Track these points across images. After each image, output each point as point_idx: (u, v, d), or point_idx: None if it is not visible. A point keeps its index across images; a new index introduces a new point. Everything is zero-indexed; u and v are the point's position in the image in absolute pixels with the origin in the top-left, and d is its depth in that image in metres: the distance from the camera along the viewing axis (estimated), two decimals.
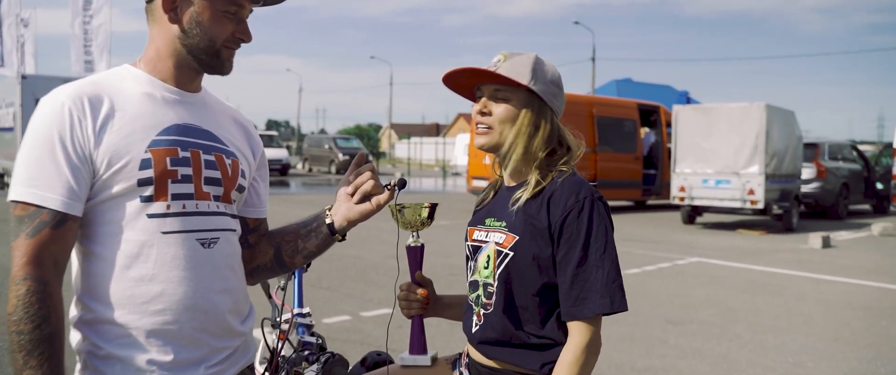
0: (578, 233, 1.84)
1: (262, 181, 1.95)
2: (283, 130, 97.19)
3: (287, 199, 20.53)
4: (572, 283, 1.83)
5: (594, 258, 1.83)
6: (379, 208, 1.83)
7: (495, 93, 1.94)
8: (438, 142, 54.67)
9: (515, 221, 1.92)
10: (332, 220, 1.84)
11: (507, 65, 1.91)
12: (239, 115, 1.92)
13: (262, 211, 1.95)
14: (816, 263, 10.61)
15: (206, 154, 1.71)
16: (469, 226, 2.10)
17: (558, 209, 1.86)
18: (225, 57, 1.74)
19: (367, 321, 6.55)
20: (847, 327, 6.87)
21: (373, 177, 1.81)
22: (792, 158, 15.48)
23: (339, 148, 36.70)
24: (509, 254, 1.91)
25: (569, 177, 1.92)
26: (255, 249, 1.93)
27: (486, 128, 1.95)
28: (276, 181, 29.65)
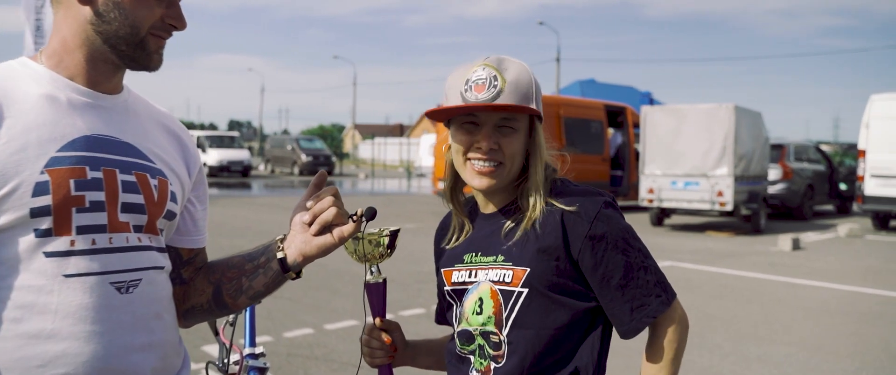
0: (613, 242, 1.59)
1: (199, 203, 1.60)
2: (245, 131, 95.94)
3: (249, 202, 20.01)
4: (624, 293, 1.59)
5: (637, 260, 1.61)
6: (342, 242, 1.49)
7: (501, 122, 1.62)
8: (402, 142, 54.36)
9: (520, 251, 1.61)
10: (284, 255, 1.50)
11: (511, 91, 1.59)
12: (171, 122, 1.57)
13: (200, 241, 1.61)
14: (788, 266, 10.49)
15: (124, 173, 1.35)
16: (443, 268, 1.77)
17: (580, 223, 1.58)
18: (152, 47, 1.39)
19: (332, 334, 6.19)
20: (827, 335, 6.70)
21: (335, 204, 1.47)
22: (759, 160, 15.45)
23: (303, 149, 36.22)
24: (523, 292, 1.59)
25: (569, 186, 1.67)
26: (189, 286, 1.58)
27: (495, 165, 1.62)
28: (238, 183, 29.07)
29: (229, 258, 1.59)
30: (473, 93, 1.59)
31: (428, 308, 7.06)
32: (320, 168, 33.26)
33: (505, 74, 1.60)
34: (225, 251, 6.98)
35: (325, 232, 1.47)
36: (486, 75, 1.60)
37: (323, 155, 36.57)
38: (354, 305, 7.01)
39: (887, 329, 7.00)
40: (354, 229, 1.48)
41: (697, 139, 14.44)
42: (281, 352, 5.62)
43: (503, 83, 1.59)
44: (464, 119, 1.64)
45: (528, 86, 1.61)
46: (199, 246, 1.60)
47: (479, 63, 1.63)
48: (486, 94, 1.58)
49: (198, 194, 1.59)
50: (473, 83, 1.60)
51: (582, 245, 1.57)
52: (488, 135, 1.61)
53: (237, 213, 16.15)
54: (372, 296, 1.76)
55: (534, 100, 1.62)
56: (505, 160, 1.62)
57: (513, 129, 1.62)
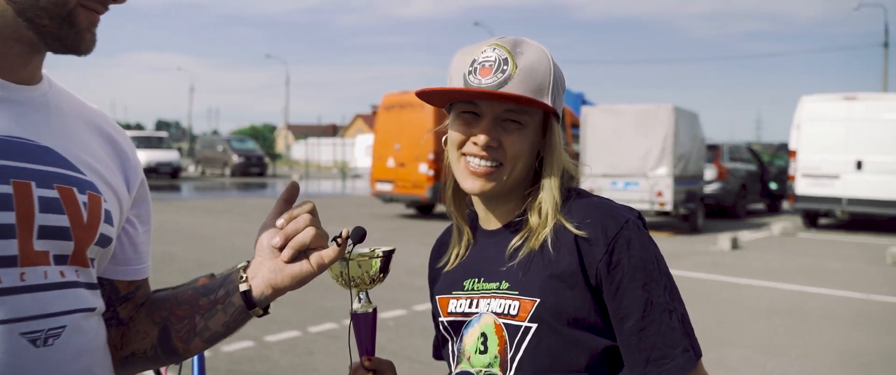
0: (635, 271, 1.29)
1: (141, 224, 1.28)
2: (174, 131, 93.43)
3: (180, 206, 19.25)
4: (641, 339, 1.28)
5: (662, 299, 1.30)
6: (322, 270, 1.19)
7: (506, 114, 1.35)
8: (336, 143, 53.64)
9: (528, 277, 1.33)
10: (248, 287, 1.19)
11: (521, 79, 1.32)
12: (105, 122, 1.24)
13: (141, 270, 1.28)
14: (730, 266, 10.54)
15: (42, 187, 1.03)
16: (438, 295, 1.49)
17: (598, 244, 1.30)
18: (83, 23, 1.06)
19: (274, 347, 5.82)
20: (778, 335, 6.68)
21: (313, 223, 1.18)
22: (696, 160, 15.62)
23: (234, 149, 35.33)
24: (531, 328, 1.31)
25: (586, 198, 1.39)
26: (128, 328, 1.27)
27: (492, 166, 1.35)
28: (167, 185, 28.10)
29: (179, 291, 1.28)
30: (477, 76, 1.33)
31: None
32: (253, 169, 32.22)
33: (518, 58, 1.33)
34: (157, 259, 6.47)
35: (301, 258, 1.18)
36: (495, 57, 1.33)
37: (255, 155, 35.75)
38: (297, 314, 6.65)
39: (833, 328, 7.02)
40: (338, 254, 1.19)
41: (637, 140, 14.48)
42: (220, 368, 5.25)
43: (514, 69, 1.32)
44: (463, 107, 1.37)
45: (544, 75, 1.34)
46: (140, 278, 1.28)
47: (491, 42, 1.36)
48: (490, 80, 1.32)
49: (139, 212, 1.27)
50: (480, 65, 1.34)
51: (598, 270, 1.30)
52: (488, 128, 1.34)
53: (167, 218, 15.46)
54: (360, 329, 1.46)
55: (549, 93, 1.35)
56: (505, 161, 1.35)
57: (519, 125, 1.34)
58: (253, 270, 1.19)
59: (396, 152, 16.46)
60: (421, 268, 8.95)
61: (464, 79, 1.35)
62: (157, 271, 9.64)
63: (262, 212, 1.24)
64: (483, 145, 1.33)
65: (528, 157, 1.37)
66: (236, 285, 1.19)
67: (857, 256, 11.97)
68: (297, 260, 1.17)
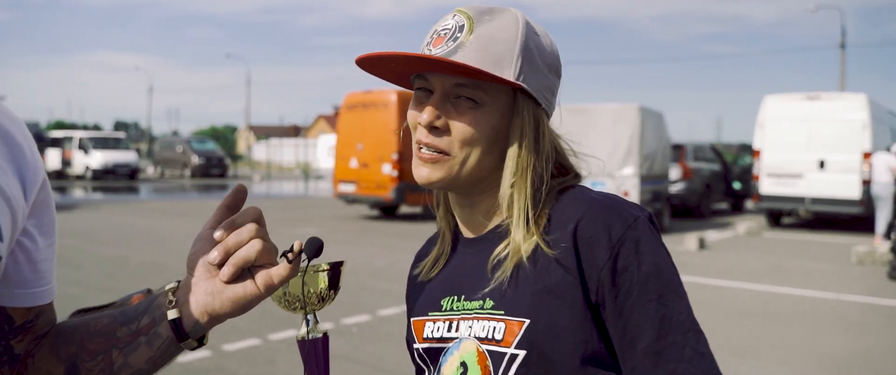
0: (647, 280, 1.05)
1: (43, 236, 1.02)
2: (132, 132, 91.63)
3: (137, 207, 18.71)
4: (657, 364, 1.04)
5: (683, 316, 1.06)
6: (271, 292, 0.96)
7: (457, 90, 1.12)
8: (298, 143, 53.02)
9: (515, 294, 1.10)
10: (178, 314, 0.95)
11: (475, 48, 1.10)
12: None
13: (42, 294, 1.02)
14: (698, 266, 10.47)
15: None
16: (414, 317, 1.27)
17: (600, 247, 1.06)
18: None
19: (233, 357, 5.54)
20: (750, 337, 6.57)
21: (259, 235, 0.95)
22: (662, 160, 15.60)
23: (194, 150, 34.71)
24: (517, 355, 1.08)
25: (586, 193, 1.15)
26: (26, 367, 1.02)
27: (435, 153, 1.13)
28: (125, 187, 27.41)
29: (92, 318, 1.02)
30: (430, 47, 1.13)
31: (337, 322, 6.50)
32: (213, 170, 31.81)
33: (479, 25, 1.11)
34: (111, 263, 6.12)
35: (245, 277, 0.94)
36: (453, 24, 1.13)
37: (216, 156, 35.18)
38: (257, 323, 6.36)
39: (806, 329, 6.94)
40: (289, 273, 0.95)
41: (603, 139, 14.38)
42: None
43: (468, 36, 1.10)
44: (418, 83, 1.16)
45: (506, 44, 1.11)
46: (41, 303, 1.02)
47: (457, 8, 1.15)
48: (440, 49, 1.11)
49: (39, 223, 1.01)
50: (436, 34, 1.14)
51: (600, 281, 1.06)
52: (435, 103, 1.12)
53: (123, 220, 14.98)
54: (310, 357, 1.21)
55: (514, 65, 1.10)
56: (450, 148, 1.11)
57: (474, 103, 1.11)
58: (184, 293, 0.95)
59: (359, 152, 16.16)
60: (385, 271, 8.75)
61: (423, 51, 1.14)
62: (111, 276, 9.32)
63: None
64: (426, 123, 1.12)
65: (487, 142, 1.12)
66: (163, 312, 0.95)
67: (821, 255, 12.00)
68: (239, 279, 0.94)
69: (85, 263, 9.46)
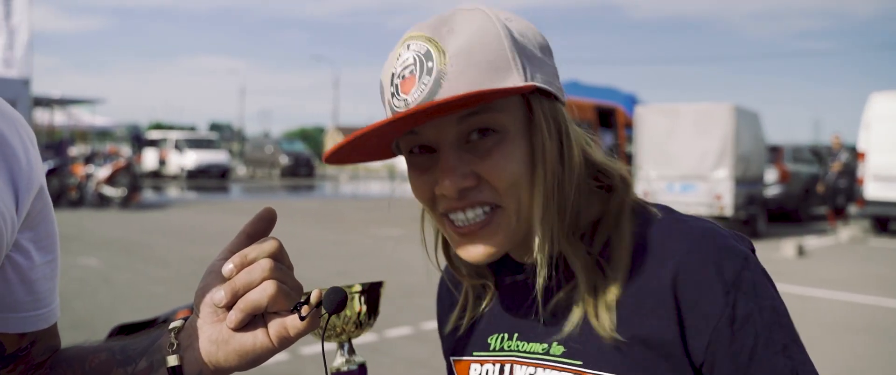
0: (771, 330, 0.85)
1: (40, 252, 0.89)
2: (226, 133, 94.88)
3: (226, 207, 19.21)
4: None
5: (808, 367, 0.86)
6: (285, 346, 0.80)
7: (465, 127, 0.88)
8: None
9: (595, 342, 0.89)
10: (179, 361, 0.80)
11: (460, 69, 0.84)
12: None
13: (42, 318, 0.90)
14: (797, 274, 9.89)
15: None
16: (453, 356, 1.07)
17: (712, 291, 0.85)
18: None
19: (310, 361, 5.48)
20: (853, 355, 6.10)
21: (274, 275, 0.78)
22: (757, 162, 14.92)
23: (283, 151, 35.51)
24: None
25: (675, 218, 0.92)
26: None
27: (486, 213, 0.89)
28: (216, 187, 28.26)
29: (90, 352, 0.89)
30: (401, 96, 0.88)
31: (415, 326, 6.38)
32: (301, 170, 32.61)
33: (446, 42, 0.86)
34: (197, 262, 6.13)
35: (257, 324, 0.79)
36: (412, 57, 0.87)
37: (303, 157, 35.93)
38: None
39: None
40: (306, 328, 0.78)
41: (694, 140, 13.86)
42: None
43: (442, 60, 0.85)
44: (409, 143, 0.91)
45: (493, 47, 0.86)
46: (36, 329, 0.90)
47: (404, 38, 0.90)
48: (416, 93, 0.86)
49: (36, 235, 0.88)
50: (400, 78, 0.88)
51: (716, 333, 0.85)
52: (449, 165, 0.87)
53: (212, 219, 15.37)
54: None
55: (515, 64, 0.86)
56: (499, 198, 0.88)
57: (495, 133, 0.87)
58: (189, 336, 0.80)
59: None
60: None
61: (390, 108, 0.91)
62: (196, 275, 9.42)
63: (309, 215, 0.83)
64: (454, 194, 0.87)
65: (530, 173, 0.89)
66: (164, 356, 0.81)
67: None
68: (250, 327, 0.78)
69: (173, 261, 9.68)
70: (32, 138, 0.89)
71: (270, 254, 0.79)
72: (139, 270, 9.01)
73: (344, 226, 14.01)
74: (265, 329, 0.78)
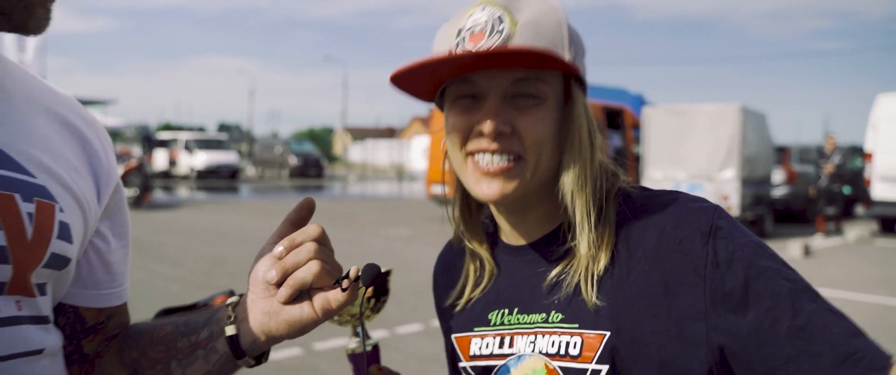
0: (756, 263, 0.95)
1: (116, 238, 1.03)
2: (235, 133, 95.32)
3: (237, 207, 19.38)
4: (810, 340, 0.91)
5: (803, 282, 0.96)
6: (328, 317, 0.92)
7: (516, 87, 1.01)
8: (393, 145, 53.81)
9: (590, 305, 1.00)
10: (236, 331, 0.93)
11: (526, 36, 0.99)
12: (70, 109, 0.99)
13: (115, 296, 1.03)
14: (805, 274, 9.91)
15: None
16: (454, 334, 1.17)
17: (692, 244, 0.96)
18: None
19: (322, 356, 5.61)
20: None
21: (318, 255, 0.91)
22: (764, 162, 14.99)
23: (292, 151, 35.70)
24: (601, 371, 0.98)
25: (651, 193, 1.07)
26: (93, 367, 1.02)
27: (510, 160, 1.01)
28: (226, 187, 28.46)
29: (158, 325, 1.02)
30: (468, 45, 1.01)
31: (426, 323, 6.50)
32: (310, 170, 32.56)
33: (516, 14, 1.00)
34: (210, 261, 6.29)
35: (303, 299, 0.91)
36: (486, 17, 1.01)
37: (312, 157, 36.11)
38: None
39: None
40: (347, 299, 0.91)
41: (702, 141, 13.95)
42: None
43: (513, 26, 0.99)
44: (458, 89, 1.04)
45: (554, 28, 1.01)
46: (112, 305, 1.03)
47: (478, 2, 1.04)
48: (486, 43, 0.99)
49: (113, 224, 1.02)
50: (468, 32, 1.01)
51: (707, 281, 0.94)
52: (493, 108, 1.00)
53: (222, 219, 15.53)
54: (361, 370, 1.19)
55: (567, 49, 1.01)
56: (525, 151, 1.01)
57: (535, 99, 1.01)
58: (243, 310, 0.93)
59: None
60: None
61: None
62: (209, 274, 9.63)
63: (318, 215, 0.96)
64: (491, 133, 1.00)
65: (554, 141, 1.03)
66: (222, 327, 0.93)
67: None
68: (297, 300, 0.91)
69: (186, 260, 9.83)
70: (109, 141, 1.03)
71: (315, 238, 0.92)
72: (152, 269, 9.16)
73: (353, 226, 14.14)
74: (310, 302, 0.91)
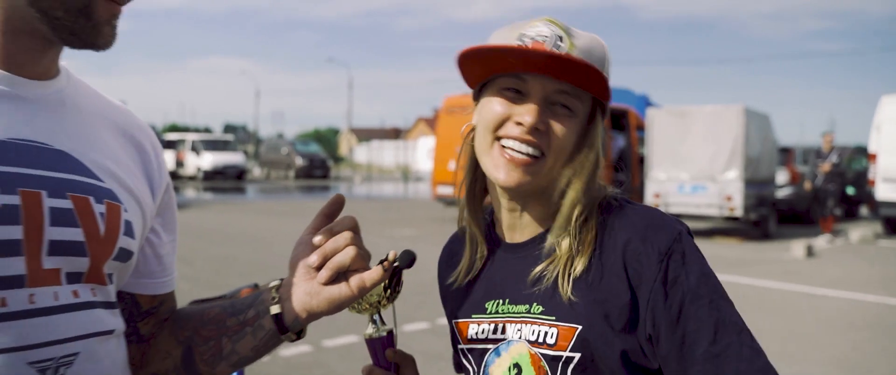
0: (696, 291, 1.11)
1: (166, 233, 1.18)
2: (240, 134, 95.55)
3: (244, 208, 19.56)
4: (718, 367, 1.08)
5: (734, 317, 1.11)
6: (363, 295, 1.08)
7: (557, 96, 1.16)
8: (399, 146, 53.91)
9: (566, 301, 1.15)
10: (280, 310, 1.08)
11: (581, 54, 1.14)
12: (129, 121, 1.14)
13: (165, 284, 1.18)
14: (805, 274, 10.08)
15: (54, 197, 0.93)
16: (455, 319, 1.33)
17: (650, 260, 1.12)
18: (102, 15, 0.95)
19: (331, 352, 5.75)
20: (859, 351, 6.29)
21: (353, 242, 1.07)
22: (768, 163, 15.08)
23: (298, 152, 35.87)
24: (574, 358, 1.14)
25: (630, 208, 1.21)
26: (149, 346, 1.17)
27: (532, 156, 1.16)
28: (232, 187, 28.65)
29: (205, 308, 1.17)
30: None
31: (432, 321, 6.64)
32: (316, 171, 32.55)
33: (574, 39, 1.16)
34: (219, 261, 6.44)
35: (339, 280, 1.06)
36: (549, 32, 1.16)
37: (318, 158, 36.24)
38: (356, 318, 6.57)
39: None
40: (381, 277, 1.06)
41: (705, 142, 14.04)
42: (275, 373, 5.20)
43: (571, 47, 1.15)
44: (506, 83, 1.17)
45: (601, 61, 1.18)
46: (164, 292, 1.18)
47: (543, 18, 1.19)
48: None
49: (164, 221, 1.17)
50: (531, 39, 1.16)
51: (652, 293, 1.11)
52: (538, 108, 1.14)
53: (230, 219, 15.70)
54: (376, 353, 1.33)
55: (606, 79, 1.18)
56: (548, 151, 1.16)
57: (570, 111, 1.16)
58: (286, 291, 1.08)
59: (458, 155, 16.33)
60: None
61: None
62: (219, 273, 9.78)
63: None
64: (529, 126, 1.13)
65: (571, 152, 1.18)
66: (267, 307, 1.08)
67: None
68: (335, 281, 1.06)
69: (195, 260, 9.98)
70: (159, 146, 1.17)
71: (350, 228, 1.07)
72: None
73: (360, 227, 14.22)
74: (347, 282, 1.06)
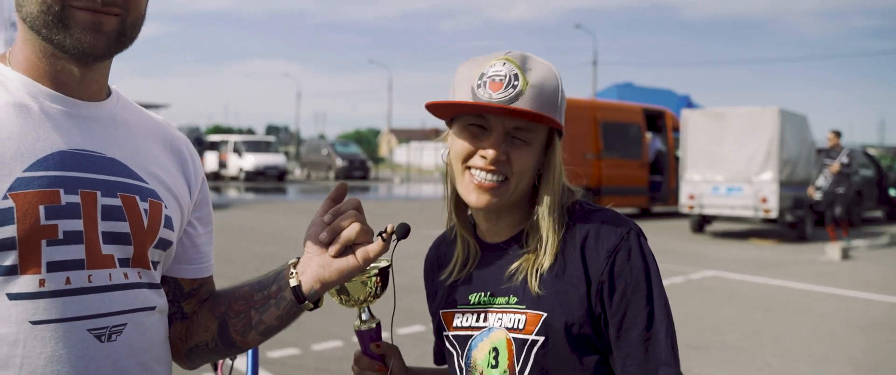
0: (637, 283, 1.35)
1: (202, 226, 1.42)
2: (282, 136, 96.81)
3: (284, 207, 19.99)
4: (646, 353, 1.33)
5: (660, 314, 1.35)
6: (368, 264, 1.29)
7: (514, 131, 1.37)
8: (438, 147, 53.80)
9: (534, 292, 1.37)
10: (298, 282, 1.29)
11: (532, 96, 1.34)
12: (170, 132, 1.38)
13: (204, 269, 1.42)
14: (838, 277, 10.05)
15: (106, 196, 1.17)
16: (442, 310, 1.52)
17: (600, 255, 1.35)
18: (79, 22, 1.10)
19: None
20: (881, 353, 6.33)
21: (357, 219, 1.28)
22: (805, 165, 14.96)
23: (338, 153, 36.30)
24: (538, 341, 1.36)
25: (590, 210, 1.43)
26: (192, 322, 1.40)
27: (499, 181, 1.37)
28: (273, 188, 29.16)
29: (236, 287, 1.40)
30: (487, 90, 1.34)
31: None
32: (356, 172, 32.65)
33: (528, 75, 1.35)
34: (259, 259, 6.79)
35: (347, 253, 1.28)
36: (505, 72, 1.34)
37: (358, 159, 36.64)
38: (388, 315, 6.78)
39: None
40: (382, 249, 1.28)
41: (740, 143, 14.02)
42: (309, 366, 5.45)
43: (524, 85, 1.33)
44: (470, 120, 1.38)
45: (553, 93, 1.37)
46: (203, 276, 1.42)
47: (499, 56, 1.38)
48: (501, 95, 1.33)
49: (200, 215, 1.41)
50: (489, 79, 1.34)
51: (602, 282, 1.34)
52: (497, 142, 1.35)
53: (270, 219, 16.09)
54: (365, 343, 1.51)
55: (558, 110, 1.38)
56: (511, 176, 1.37)
57: (526, 143, 1.37)
58: (302, 266, 1.30)
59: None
60: None
61: (472, 93, 1.36)
62: (259, 272, 9.99)
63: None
64: (492, 159, 1.35)
65: (532, 173, 1.41)
66: (287, 280, 1.30)
67: None
68: (343, 254, 1.27)
69: (236, 258, 10.32)
70: (194, 151, 1.41)
71: (354, 207, 1.29)
72: None
73: None
74: (353, 255, 1.27)
